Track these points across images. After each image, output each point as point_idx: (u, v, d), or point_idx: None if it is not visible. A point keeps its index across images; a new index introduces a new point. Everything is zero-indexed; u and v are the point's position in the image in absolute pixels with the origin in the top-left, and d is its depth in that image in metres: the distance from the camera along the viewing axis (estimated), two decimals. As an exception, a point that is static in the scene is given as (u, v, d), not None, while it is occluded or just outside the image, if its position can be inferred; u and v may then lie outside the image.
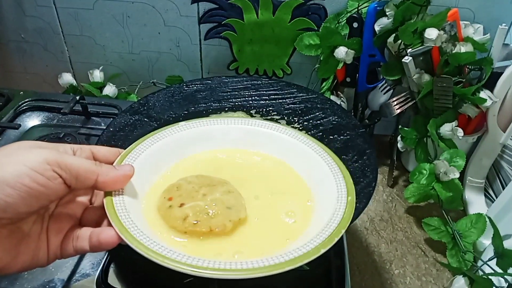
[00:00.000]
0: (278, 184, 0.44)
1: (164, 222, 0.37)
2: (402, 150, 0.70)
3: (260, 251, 0.35)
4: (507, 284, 0.50)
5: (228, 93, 0.61)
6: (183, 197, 0.38)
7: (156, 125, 0.56)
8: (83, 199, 0.37)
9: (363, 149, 0.51)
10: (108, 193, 0.35)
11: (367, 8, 0.65)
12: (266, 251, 0.35)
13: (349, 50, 0.66)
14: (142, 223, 0.35)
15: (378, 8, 0.64)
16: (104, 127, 0.55)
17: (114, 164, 0.38)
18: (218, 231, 0.36)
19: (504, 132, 0.64)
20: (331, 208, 0.38)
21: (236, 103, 0.60)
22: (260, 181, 0.44)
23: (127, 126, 0.54)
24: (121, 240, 0.32)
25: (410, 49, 0.61)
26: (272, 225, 0.39)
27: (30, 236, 0.32)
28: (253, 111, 0.59)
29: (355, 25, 0.66)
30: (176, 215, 0.37)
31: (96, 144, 0.51)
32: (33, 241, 0.32)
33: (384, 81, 0.71)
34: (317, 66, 0.74)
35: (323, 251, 0.33)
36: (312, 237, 0.35)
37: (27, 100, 0.70)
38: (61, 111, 0.65)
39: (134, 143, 0.43)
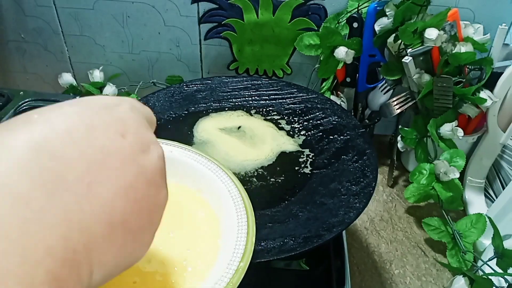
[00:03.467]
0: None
1: None
2: (402, 150, 0.70)
3: None
4: (507, 284, 0.50)
5: (228, 93, 0.61)
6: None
7: (156, 125, 0.55)
8: None
9: (363, 149, 0.51)
10: None
11: (367, 8, 0.64)
12: None
13: (349, 50, 0.66)
14: None
15: (378, 8, 0.64)
16: (104, 127, 0.55)
17: None
18: None
19: (504, 132, 0.64)
20: (216, 275, 0.31)
21: (236, 103, 0.60)
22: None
23: (127, 126, 0.54)
24: None
25: (410, 49, 0.61)
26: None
27: None
28: (253, 111, 0.59)
29: (355, 25, 0.66)
30: None
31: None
32: None
33: (384, 81, 0.71)
34: (317, 66, 0.74)
35: None
36: None
37: (27, 100, 0.70)
38: (61, 111, 0.65)
39: None
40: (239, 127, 0.57)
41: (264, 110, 0.59)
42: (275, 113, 0.59)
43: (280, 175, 0.51)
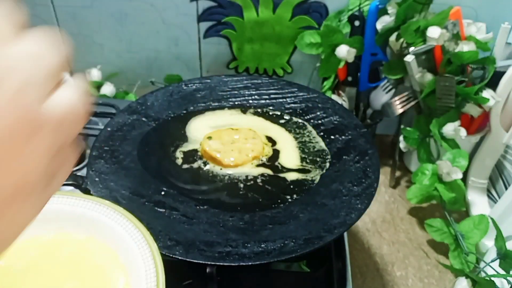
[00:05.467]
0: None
1: None
2: (404, 150, 0.69)
3: None
4: (510, 285, 0.50)
5: (228, 92, 0.61)
6: None
7: (154, 124, 0.55)
8: None
9: (365, 149, 0.51)
10: None
11: (368, 6, 0.64)
12: None
13: (351, 48, 0.65)
14: None
15: (380, 6, 0.63)
16: (102, 127, 0.54)
17: None
18: None
19: (507, 132, 0.64)
20: None
21: (236, 102, 0.59)
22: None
23: (125, 125, 0.54)
24: None
25: (412, 48, 0.61)
26: None
27: None
28: (252, 111, 0.58)
29: (357, 23, 0.65)
30: None
31: (94, 144, 0.50)
32: None
33: (386, 80, 0.70)
34: (318, 65, 0.73)
35: None
36: None
37: (24, 99, 0.70)
38: (58, 110, 0.64)
39: None
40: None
41: (265, 109, 0.59)
42: (276, 112, 0.58)
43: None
